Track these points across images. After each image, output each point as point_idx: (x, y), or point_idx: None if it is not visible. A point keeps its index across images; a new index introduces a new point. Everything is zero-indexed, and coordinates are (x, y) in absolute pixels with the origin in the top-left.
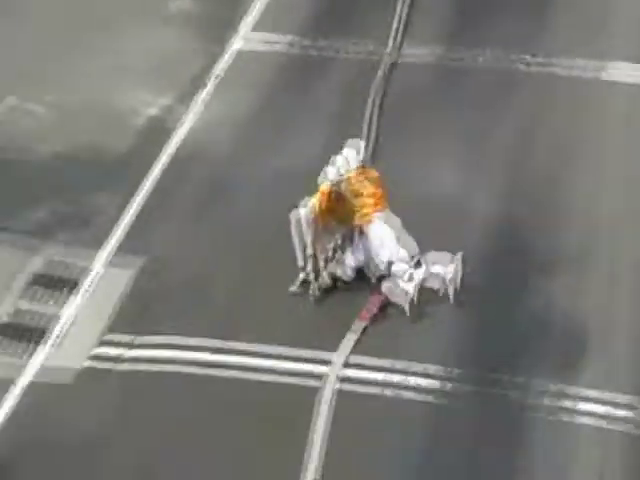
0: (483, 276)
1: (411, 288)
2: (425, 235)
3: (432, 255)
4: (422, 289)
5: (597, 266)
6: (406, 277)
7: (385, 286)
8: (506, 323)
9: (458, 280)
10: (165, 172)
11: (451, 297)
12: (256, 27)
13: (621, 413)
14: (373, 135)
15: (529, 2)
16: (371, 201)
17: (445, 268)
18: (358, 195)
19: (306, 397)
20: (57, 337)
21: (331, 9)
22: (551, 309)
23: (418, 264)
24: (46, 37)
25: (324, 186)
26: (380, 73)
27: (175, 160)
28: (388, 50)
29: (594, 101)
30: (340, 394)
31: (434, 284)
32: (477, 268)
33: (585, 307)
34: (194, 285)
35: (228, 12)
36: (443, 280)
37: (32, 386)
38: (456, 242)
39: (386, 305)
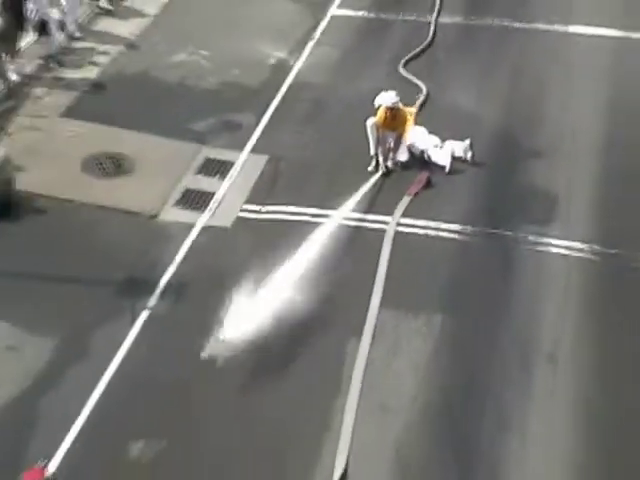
0: (488, 159)
1: (445, 153)
2: (450, 133)
3: (450, 141)
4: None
5: (563, 154)
6: (438, 148)
7: (429, 154)
8: (503, 191)
9: (469, 153)
10: (283, 97)
11: (469, 159)
12: (340, 6)
13: (580, 246)
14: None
15: None
16: (411, 118)
17: (462, 143)
18: (404, 114)
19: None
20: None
21: None
22: (533, 182)
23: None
24: (208, 13)
25: (383, 107)
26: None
27: (290, 89)
28: (430, 19)
29: (562, 48)
30: (397, 234)
31: (458, 152)
32: (484, 156)
33: (556, 182)
34: (302, 170)
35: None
36: (464, 149)
37: (203, 229)
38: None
39: (427, 183)
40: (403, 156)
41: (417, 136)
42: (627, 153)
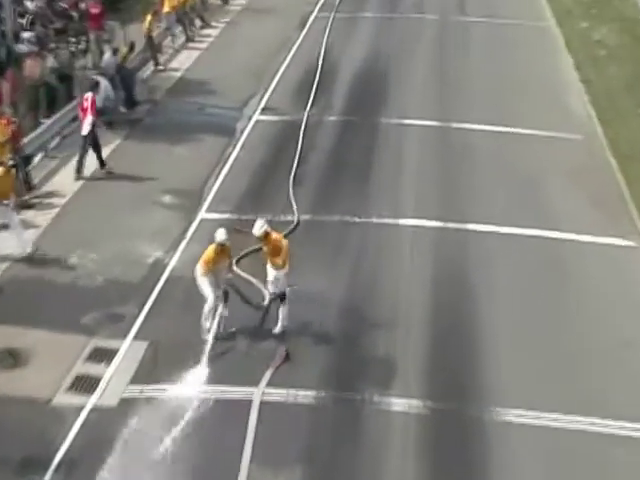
0: (338, 331)
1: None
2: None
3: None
4: None
5: (399, 323)
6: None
7: None
8: (351, 357)
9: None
10: (161, 290)
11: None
12: (208, 210)
13: (416, 403)
14: None
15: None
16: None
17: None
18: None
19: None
20: (103, 387)
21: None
22: (376, 349)
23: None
24: (98, 220)
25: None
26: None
27: (167, 282)
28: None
29: (393, 238)
30: (262, 403)
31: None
32: (334, 328)
33: (394, 347)
34: (179, 351)
35: (194, 201)
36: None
37: (92, 410)
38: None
39: (286, 356)
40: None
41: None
42: (450, 322)
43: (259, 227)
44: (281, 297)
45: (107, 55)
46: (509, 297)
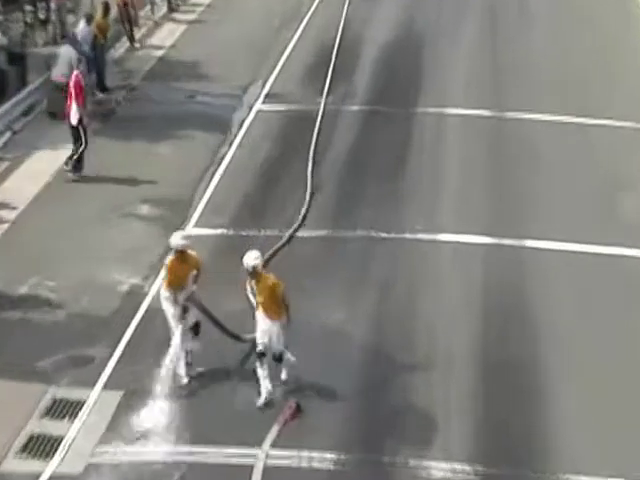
0: (360, 379)
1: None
2: (317, 353)
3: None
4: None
5: (439, 369)
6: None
7: None
8: (377, 412)
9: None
10: (138, 325)
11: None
12: (197, 225)
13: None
14: None
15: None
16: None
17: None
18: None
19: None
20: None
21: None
22: (409, 401)
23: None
24: (56, 237)
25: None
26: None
27: (145, 315)
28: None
29: (430, 257)
30: (266, 469)
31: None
32: (355, 375)
33: (432, 399)
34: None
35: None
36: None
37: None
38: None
39: (296, 410)
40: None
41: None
42: (503, 365)
43: (253, 258)
44: (275, 358)
45: (81, 25)
46: (577, 334)
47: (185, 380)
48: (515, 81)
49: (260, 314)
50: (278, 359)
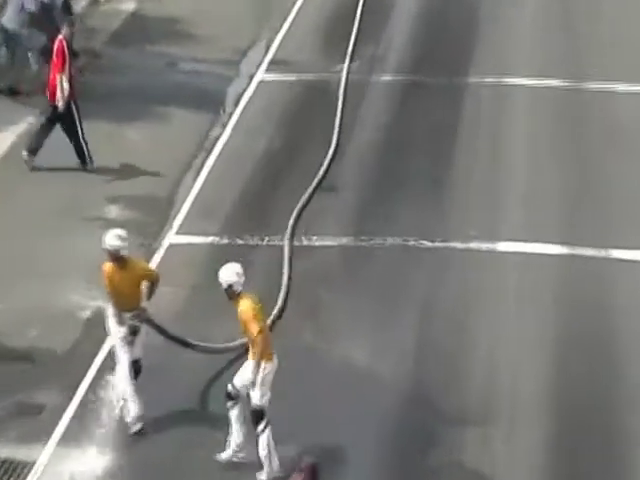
0: (393, 429)
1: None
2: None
3: None
4: None
5: (499, 420)
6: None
7: None
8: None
9: None
10: (104, 363)
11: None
12: (180, 231)
13: None
14: None
15: None
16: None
17: None
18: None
19: None
20: None
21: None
22: (461, 461)
23: None
24: None
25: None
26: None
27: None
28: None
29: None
30: None
31: None
32: (388, 426)
33: (491, 458)
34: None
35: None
36: None
37: None
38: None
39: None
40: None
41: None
42: (585, 416)
43: (231, 273)
44: (254, 416)
45: None
46: None
47: (137, 427)
48: (595, 33)
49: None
50: (256, 418)
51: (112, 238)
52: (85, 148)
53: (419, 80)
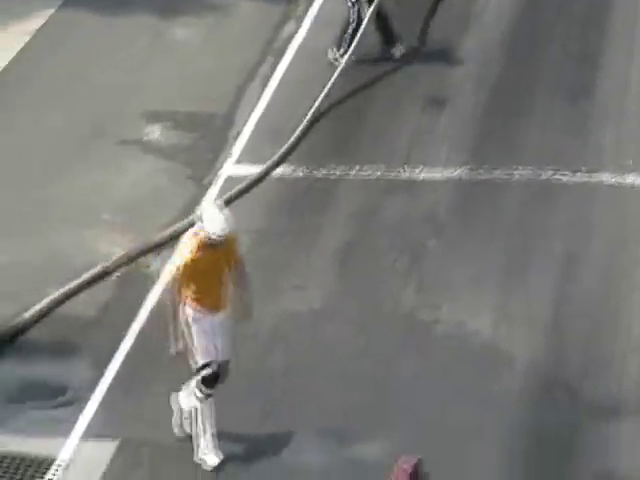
0: (527, 420)
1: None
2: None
3: None
4: None
5: None
6: None
7: None
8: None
9: None
10: (141, 332)
11: None
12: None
13: None
14: None
15: None
16: None
17: None
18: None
19: None
20: None
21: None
22: (614, 465)
23: None
24: None
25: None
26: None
27: (153, 317)
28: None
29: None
30: None
31: None
32: (520, 415)
33: None
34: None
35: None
36: None
37: None
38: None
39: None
40: None
41: None
42: None
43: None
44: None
45: None
46: None
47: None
48: None
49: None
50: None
51: (216, 217)
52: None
53: None
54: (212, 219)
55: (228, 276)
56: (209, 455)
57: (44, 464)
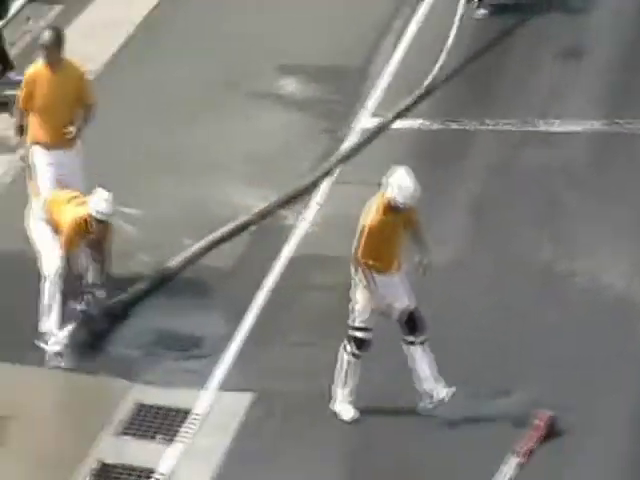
0: None
1: None
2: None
3: None
4: None
5: None
6: None
7: None
8: None
9: None
10: (277, 284)
11: None
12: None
13: None
14: None
15: None
16: None
17: None
18: None
19: None
20: None
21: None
22: None
23: None
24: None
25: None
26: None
27: (290, 266)
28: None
29: None
30: None
31: None
32: None
33: None
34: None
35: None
36: None
37: None
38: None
39: (548, 429)
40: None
41: None
42: None
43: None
44: None
45: None
46: None
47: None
48: None
49: None
50: None
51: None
52: None
53: None
54: (401, 186)
55: (404, 237)
56: (345, 408)
57: (180, 415)
